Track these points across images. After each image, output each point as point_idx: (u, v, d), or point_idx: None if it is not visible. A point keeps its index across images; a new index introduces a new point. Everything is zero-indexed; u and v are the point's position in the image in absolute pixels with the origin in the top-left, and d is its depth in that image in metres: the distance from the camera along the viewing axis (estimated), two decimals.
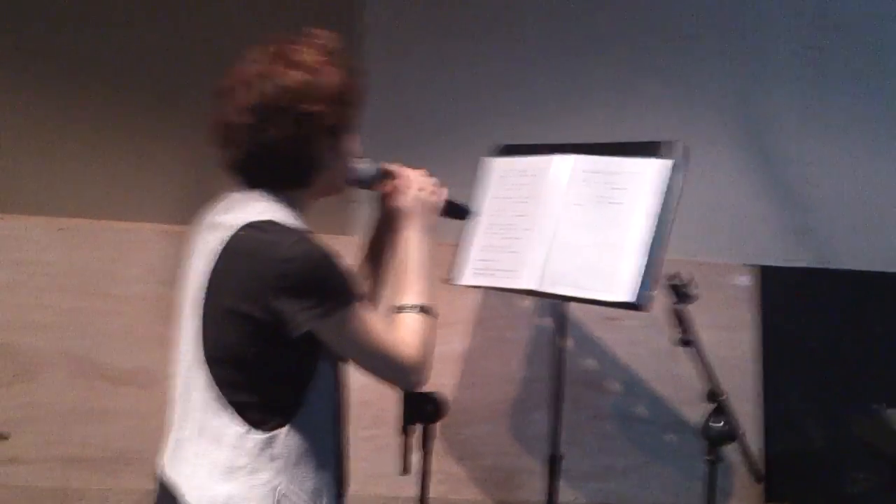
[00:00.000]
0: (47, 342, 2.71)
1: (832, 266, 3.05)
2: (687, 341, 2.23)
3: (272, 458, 1.56)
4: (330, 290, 1.54)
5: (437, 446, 2.79)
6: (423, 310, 1.69)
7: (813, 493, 3.01)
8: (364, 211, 1.94)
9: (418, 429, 2.27)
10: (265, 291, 1.52)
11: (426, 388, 2.27)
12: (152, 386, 2.71)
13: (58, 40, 2.80)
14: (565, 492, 2.79)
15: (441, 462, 2.82)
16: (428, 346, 1.68)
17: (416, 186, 1.80)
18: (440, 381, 2.78)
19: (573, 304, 2.55)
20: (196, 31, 2.80)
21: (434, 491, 2.78)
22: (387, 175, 1.83)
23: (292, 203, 1.64)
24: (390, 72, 2.92)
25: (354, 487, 1.77)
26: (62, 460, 2.71)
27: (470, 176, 2.53)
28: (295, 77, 1.58)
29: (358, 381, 1.73)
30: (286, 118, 1.57)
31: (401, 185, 1.81)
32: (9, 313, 2.71)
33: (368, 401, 2.66)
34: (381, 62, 2.91)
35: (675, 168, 2.14)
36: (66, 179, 2.81)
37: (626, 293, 2.08)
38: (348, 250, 1.93)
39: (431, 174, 1.87)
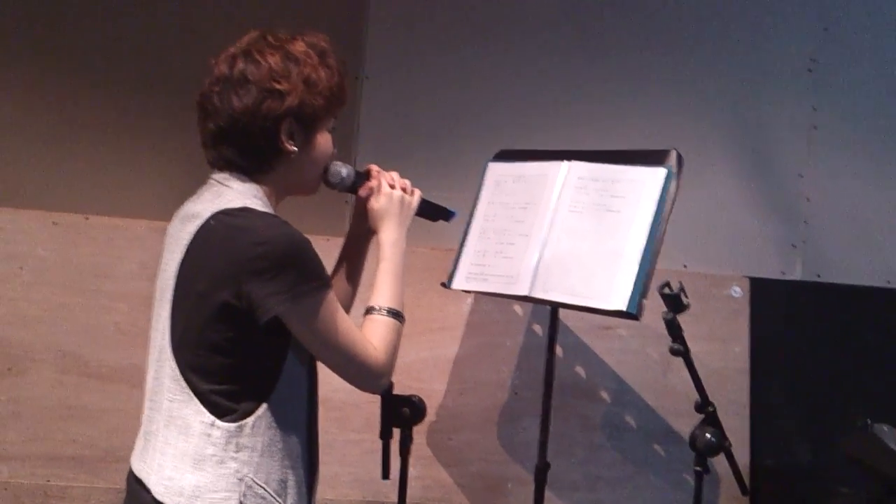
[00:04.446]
0: (37, 337, 2.69)
1: (824, 280, 3.05)
2: (677, 350, 2.23)
3: (239, 448, 1.56)
4: (302, 274, 1.53)
5: (425, 452, 2.80)
6: (392, 313, 1.68)
7: None
8: None
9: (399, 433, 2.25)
10: (237, 275, 1.52)
11: (405, 392, 2.28)
12: (142, 384, 2.68)
13: (55, 36, 2.79)
14: (552, 501, 2.78)
15: (428, 468, 2.81)
16: (393, 350, 1.67)
17: (391, 187, 1.80)
18: (431, 386, 2.81)
19: (567, 312, 2.54)
20: (195, 28, 2.80)
21: (421, 496, 2.78)
22: (362, 176, 1.82)
23: (264, 192, 1.64)
24: (392, 78, 2.92)
25: (341, 491, 1.76)
26: (46, 457, 2.68)
27: (471, 182, 2.52)
28: (272, 57, 1.61)
29: (347, 384, 1.72)
30: (251, 91, 1.59)
31: (376, 185, 1.80)
32: None
33: (357, 403, 2.67)
34: (383, 68, 2.92)
35: (669, 176, 2.15)
36: (60, 174, 2.79)
37: (620, 301, 2.09)
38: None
39: (404, 176, 1.85)
